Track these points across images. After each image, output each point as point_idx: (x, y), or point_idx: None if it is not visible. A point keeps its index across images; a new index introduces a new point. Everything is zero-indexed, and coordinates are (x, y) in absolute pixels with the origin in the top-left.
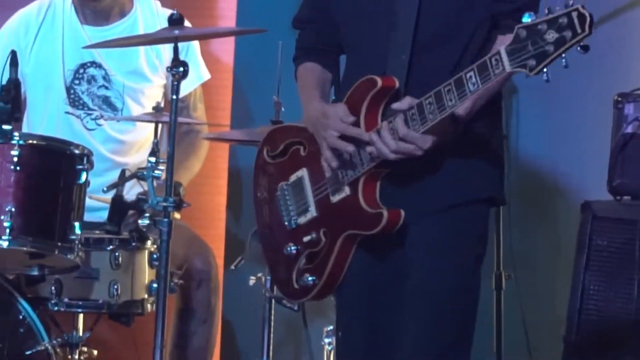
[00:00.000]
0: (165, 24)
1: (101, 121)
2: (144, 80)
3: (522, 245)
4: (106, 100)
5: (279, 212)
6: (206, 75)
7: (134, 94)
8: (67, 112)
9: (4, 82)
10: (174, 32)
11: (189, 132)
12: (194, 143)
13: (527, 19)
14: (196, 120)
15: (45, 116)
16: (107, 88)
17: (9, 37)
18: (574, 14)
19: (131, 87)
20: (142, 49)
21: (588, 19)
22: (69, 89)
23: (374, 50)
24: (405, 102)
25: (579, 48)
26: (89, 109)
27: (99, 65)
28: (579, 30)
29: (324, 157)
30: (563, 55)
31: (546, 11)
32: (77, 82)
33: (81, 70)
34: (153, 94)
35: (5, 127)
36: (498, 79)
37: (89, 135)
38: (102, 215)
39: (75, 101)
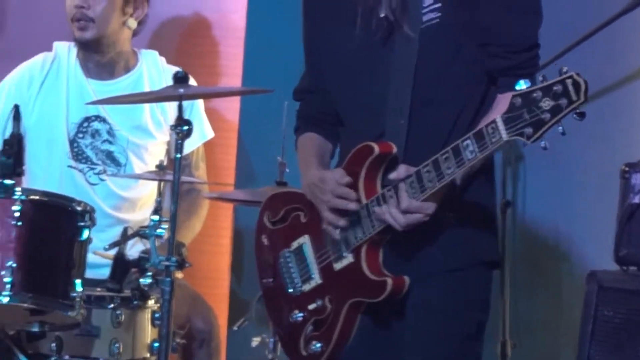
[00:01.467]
0: (170, 80)
1: (104, 176)
2: (148, 136)
3: (526, 313)
4: (110, 155)
5: (283, 279)
6: (210, 134)
7: (137, 149)
8: (70, 166)
9: (6, 136)
10: (179, 90)
11: (190, 191)
12: (195, 202)
13: (521, 85)
14: (198, 179)
15: (48, 169)
16: (111, 143)
17: (10, 90)
18: (569, 82)
19: (135, 143)
20: (147, 104)
21: (583, 86)
22: (72, 143)
23: (370, 116)
24: (402, 171)
25: (575, 115)
26: (93, 163)
27: (103, 120)
28: (574, 98)
29: (326, 220)
30: (560, 122)
31: (540, 78)
32: (80, 135)
33: (85, 124)
34: (156, 150)
35: (7, 181)
36: (495, 146)
37: (92, 190)
38: (104, 272)
39: (78, 155)
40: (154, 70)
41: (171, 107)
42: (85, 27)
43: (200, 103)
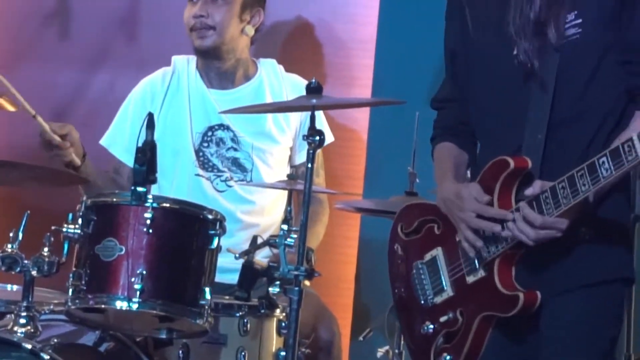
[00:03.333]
0: (289, 88)
1: (231, 182)
2: (272, 141)
3: None
4: (235, 162)
5: (415, 290)
6: (330, 139)
7: (262, 155)
8: (197, 175)
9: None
10: (311, 100)
11: (313, 198)
12: (318, 210)
13: None
14: (323, 189)
15: (175, 180)
16: (235, 150)
17: (136, 106)
18: None
19: (260, 148)
20: None
21: None
22: (197, 152)
23: (508, 130)
24: (537, 187)
25: None
26: (219, 170)
27: (227, 128)
28: None
29: (465, 238)
30: None
31: None
32: (205, 144)
33: (209, 133)
34: (281, 155)
35: (140, 189)
36: (631, 164)
37: (219, 196)
38: (233, 278)
39: (204, 163)
40: (273, 78)
41: (293, 113)
42: (205, 35)
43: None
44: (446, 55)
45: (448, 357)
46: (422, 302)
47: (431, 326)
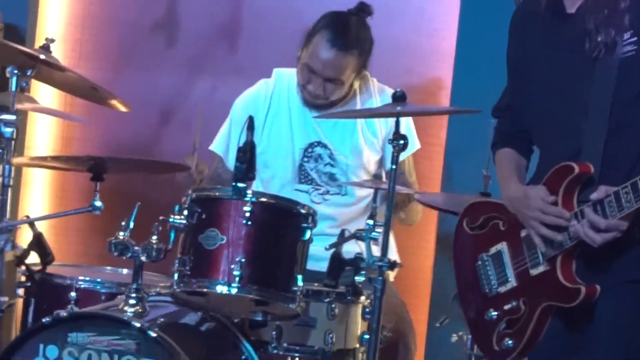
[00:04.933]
0: (380, 100)
1: (327, 196)
2: (364, 157)
3: None
4: (332, 177)
5: (479, 280)
6: (417, 145)
7: (355, 170)
8: (296, 190)
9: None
10: (396, 108)
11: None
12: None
13: None
14: (411, 187)
15: (276, 192)
16: (332, 165)
17: (244, 112)
18: None
19: (353, 165)
20: (360, 129)
21: None
22: (300, 167)
23: (566, 137)
24: (602, 191)
25: None
26: (317, 184)
27: (324, 145)
28: None
29: (539, 233)
30: None
31: None
32: (306, 160)
33: (310, 150)
34: (371, 168)
35: (240, 185)
36: None
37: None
38: (322, 266)
39: (304, 177)
40: (365, 92)
41: (381, 128)
42: (318, 103)
43: (410, 118)
44: (508, 65)
45: (510, 342)
46: (487, 290)
47: (495, 313)
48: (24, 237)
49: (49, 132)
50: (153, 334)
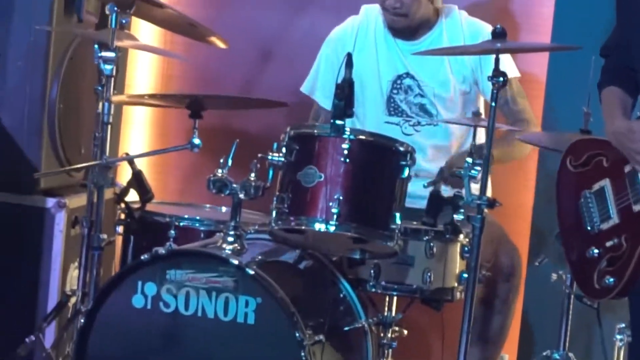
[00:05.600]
0: (468, 35)
1: (419, 127)
2: (451, 89)
3: None
4: (422, 108)
5: (582, 217)
6: (516, 73)
7: (444, 102)
8: (387, 122)
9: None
10: (496, 44)
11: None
12: (526, 129)
13: None
14: (517, 115)
15: (365, 126)
16: (422, 96)
17: (327, 57)
18: None
19: (441, 96)
20: (447, 60)
21: None
22: (388, 99)
23: None
24: None
25: None
26: (407, 116)
27: (412, 77)
28: None
29: None
30: None
31: None
32: (395, 91)
33: (398, 81)
34: (459, 100)
35: (338, 122)
36: None
37: (407, 140)
38: (422, 203)
39: (394, 109)
40: (452, 25)
41: (469, 62)
42: (397, 20)
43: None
44: (616, 4)
45: (611, 279)
46: (589, 228)
47: (596, 250)
48: (124, 175)
49: (148, 69)
50: (251, 272)
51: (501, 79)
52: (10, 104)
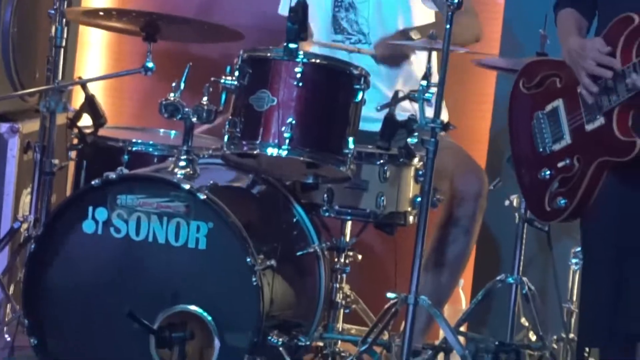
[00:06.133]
0: None
1: (359, 45)
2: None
3: None
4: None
5: (534, 139)
6: None
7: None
8: (333, 41)
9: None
10: None
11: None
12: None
13: None
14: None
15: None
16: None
17: None
18: None
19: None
20: None
21: None
22: (333, 18)
23: None
24: None
25: None
26: (348, 34)
27: None
28: None
29: (582, 84)
30: None
31: None
32: (337, 9)
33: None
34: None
35: (291, 45)
36: None
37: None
38: (375, 127)
39: (338, 28)
40: None
41: None
42: None
43: None
44: None
45: (562, 201)
46: (541, 149)
47: (548, 172)
48: (78, 99)
49: None
50: (202, 196)
51: (455, 0)
52: None
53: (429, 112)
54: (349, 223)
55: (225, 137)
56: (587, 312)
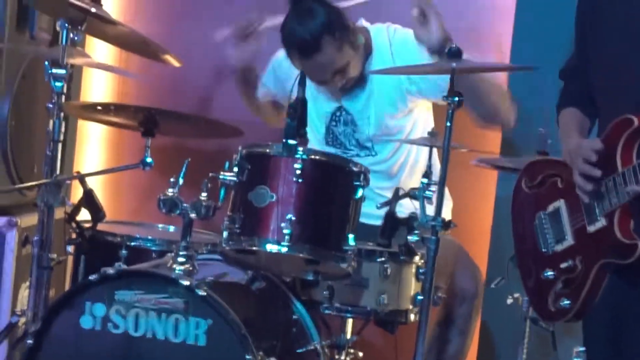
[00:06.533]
0: (396, 51)
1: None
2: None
3: None
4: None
5: (537, 238)
6: None
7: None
8: None
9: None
10: (451, 64)
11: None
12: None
13: None
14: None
15: None
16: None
17: (268, 78)
18: None
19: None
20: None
21: None
22: (327, 129)
23: (627, 93)
24: None
25: None
26: (346, 148)
27: (347, 111)
28: None
29: (576, 183)
30: None
31: None
32: (334, 124)
33: (337, 113)
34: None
35: (291, 142)
36: None
37: None
38: (376, 222)
39: (332, 140)
40: (381, 48)
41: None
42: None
43: None
44: (575, 31)
45: (566, 302)
46: (544, 249)
47: (551, 272)
48: (78, 194)
49: (104, 88)
50: (201, 292)
51: (456, 98)
52: None
53: (430, 210)
54: (350, 320)
55: (224, 233)
56: None
